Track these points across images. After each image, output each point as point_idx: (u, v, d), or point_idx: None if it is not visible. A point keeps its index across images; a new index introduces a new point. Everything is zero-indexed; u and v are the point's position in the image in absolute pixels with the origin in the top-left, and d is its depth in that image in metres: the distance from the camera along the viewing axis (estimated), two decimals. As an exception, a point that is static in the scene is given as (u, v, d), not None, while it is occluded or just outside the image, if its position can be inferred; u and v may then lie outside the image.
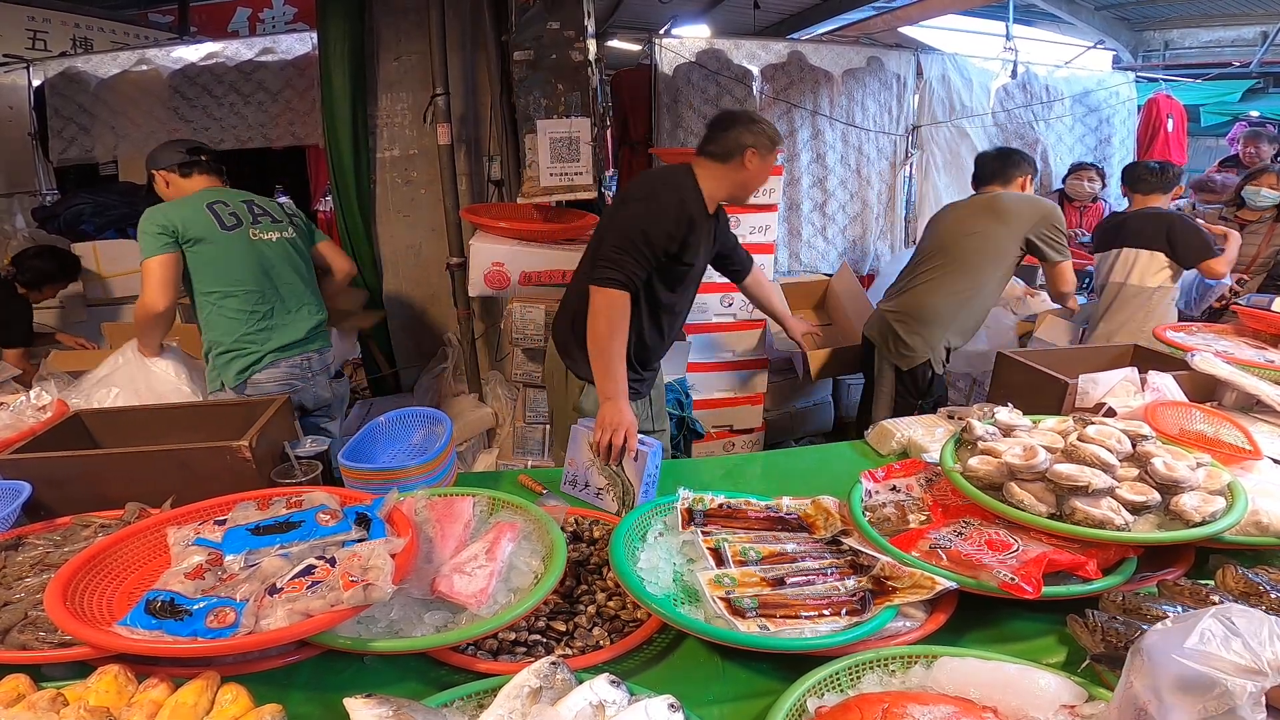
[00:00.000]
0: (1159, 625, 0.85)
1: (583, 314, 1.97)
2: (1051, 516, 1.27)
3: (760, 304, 2.63)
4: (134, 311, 2.36)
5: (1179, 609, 1.08)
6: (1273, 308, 2.24)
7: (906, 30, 7.05)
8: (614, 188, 5.15)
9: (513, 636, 1.14)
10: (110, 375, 2.34)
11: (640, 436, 1.68)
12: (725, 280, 3.39)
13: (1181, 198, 4.61)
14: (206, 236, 2.30)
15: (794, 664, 1.06)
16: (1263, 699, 0.76)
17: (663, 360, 2.37)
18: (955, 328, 2.77)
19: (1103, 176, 4.65)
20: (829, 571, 1.23)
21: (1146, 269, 3.10)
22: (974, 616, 1.19)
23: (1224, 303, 3.38)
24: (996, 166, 2.81)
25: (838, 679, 1.02)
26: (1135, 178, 3.27)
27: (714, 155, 2.07)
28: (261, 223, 2.43)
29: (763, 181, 2.14)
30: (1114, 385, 1.80)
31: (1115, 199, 4.83)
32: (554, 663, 0.97)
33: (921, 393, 2.80)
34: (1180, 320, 3.17)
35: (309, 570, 1.08)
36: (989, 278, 2.73)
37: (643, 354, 2.16)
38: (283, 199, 5.32)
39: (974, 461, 1.40)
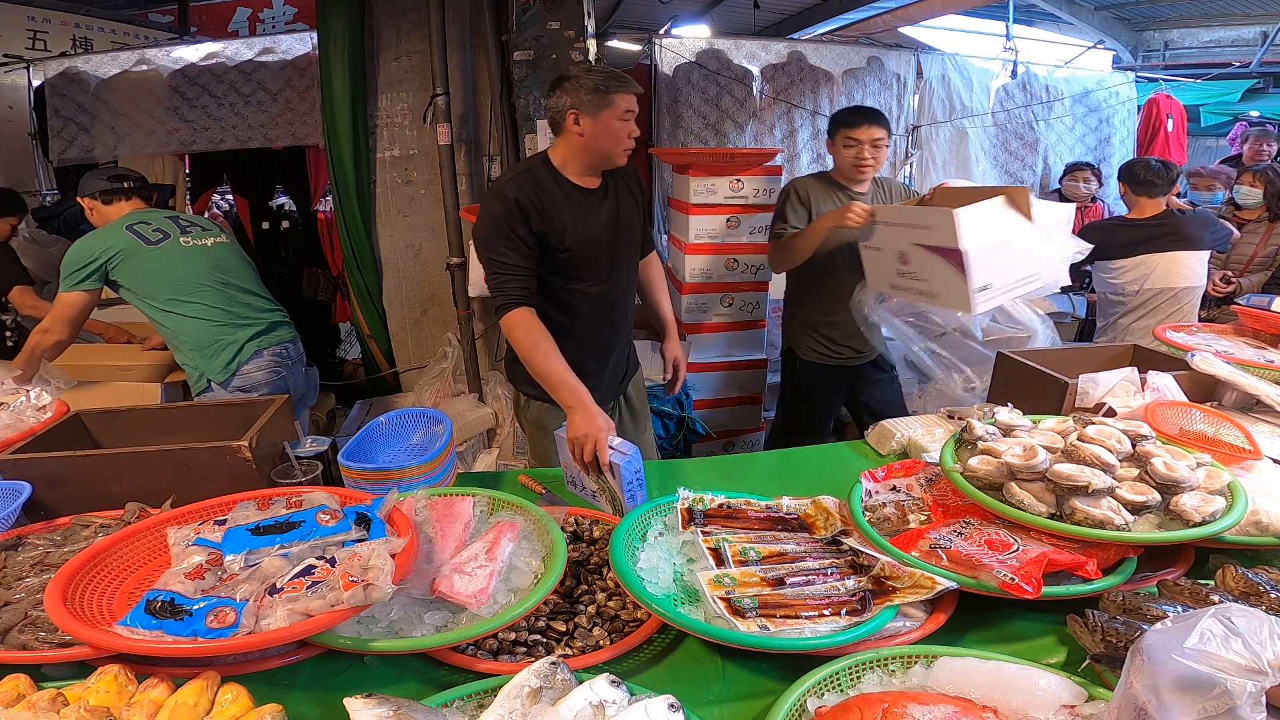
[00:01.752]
0: (1159, 625, 0.85)
1: None
2: (1051, 516, 1.27)
3: (645, 290, 2.28)
4: (33, 335, 2.37)
5: (1179, 609, 1.08)
6: (1272, 308, 2.24)
7: (906, 30, 7.05)
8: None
9: (513, 636, 1.14)
10: None
11: (616, 442, 1.60)
12: (725, 280, 3.42)
13: (1180, 195, 4.62)
14: (132, 254, 2.35)
15: (794, 664, 1.06)
16: (1263, 699, 0.76)
17: (633, 357, 2.23)
18: (805, 313, 2.73)
19: (1099, 176, 4.65)
20: (829, 571, 1.23)
21: (1192, 269, 3.12)
22: (974, 616, 1.19)
23: (1222, 293, 3.38)
24: None
25: (838, 679, 1.02)
26: (1143, 180, 3.22)
27: (552, 128, 1.90)
28: (191, 232, 2.50)
29: (615, 140, 1.86)
30: (1114, 385, 1.80)
31: (1114, 199, 4.83)
32: (554, 663, 0.97)
33: (786, 378, 2.92)
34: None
35: (309, 570, 1.08)
36: (805, 266, 2.61)
37: (581, 351, 1.96)
38: (282, 199, 5.32)
39: (974, 461, 1.40)
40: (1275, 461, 1.51)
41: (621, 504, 1.56)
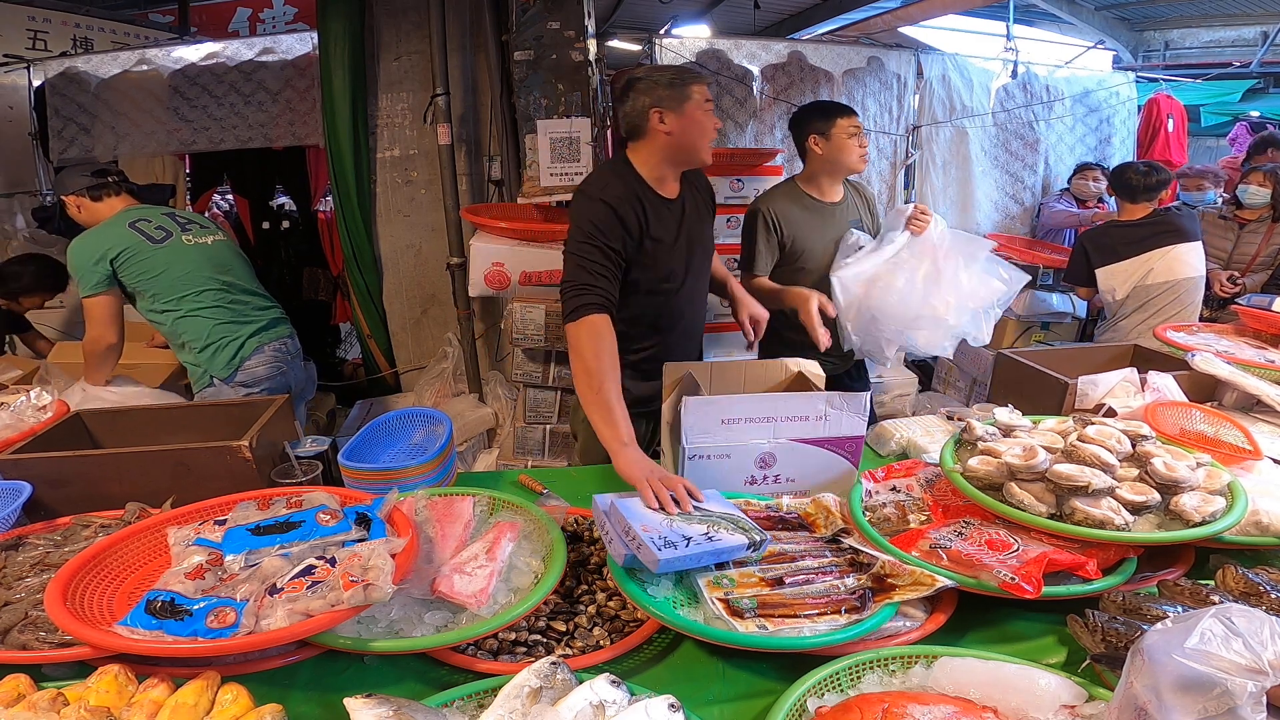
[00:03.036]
0: (1159, 625, 0.85)
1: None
2: (1051, 516, 1.27)
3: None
4: (84, 348, 2.39)
5: (1179, 609, 1.07)
6: (1273, 308, 2.24)
7: (906, 30, 7.05)
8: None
9: (513, 636, 1.14)
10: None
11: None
12: (725, 280, 3.41)
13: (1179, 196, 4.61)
14: (138, 253, 2.34)
15: (794, 664, 1.06)
16: (1263, 698, 0.76)
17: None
18: (785, 332, 2.40)
19: (1108, 176, 4.65)
20: (829, 570, 1.23)
21: (1190, 263, 3.16)
22: (974, 616, 1.19)
23: (1229, 294, 3.38)
24: None
25: (838, 679, 1.02)
26: (1124, 184, 3.25)
27: (630, 134, 1.84)
28: (191, 229, 2.50)
29: (702, 131, 1.79)
30: (1114, 386, 1.80)
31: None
32: (554, 663, 0.97)
33: None
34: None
35: (309, 570, 1.08)
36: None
37: (652, 364, 1.85)
38: (282, 199, 5.32)
39: (974, 462, 1.40)
40: (1275, 461, 1.51)
41: (743, 520, 1.30)
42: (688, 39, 4.63)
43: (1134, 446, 1.38)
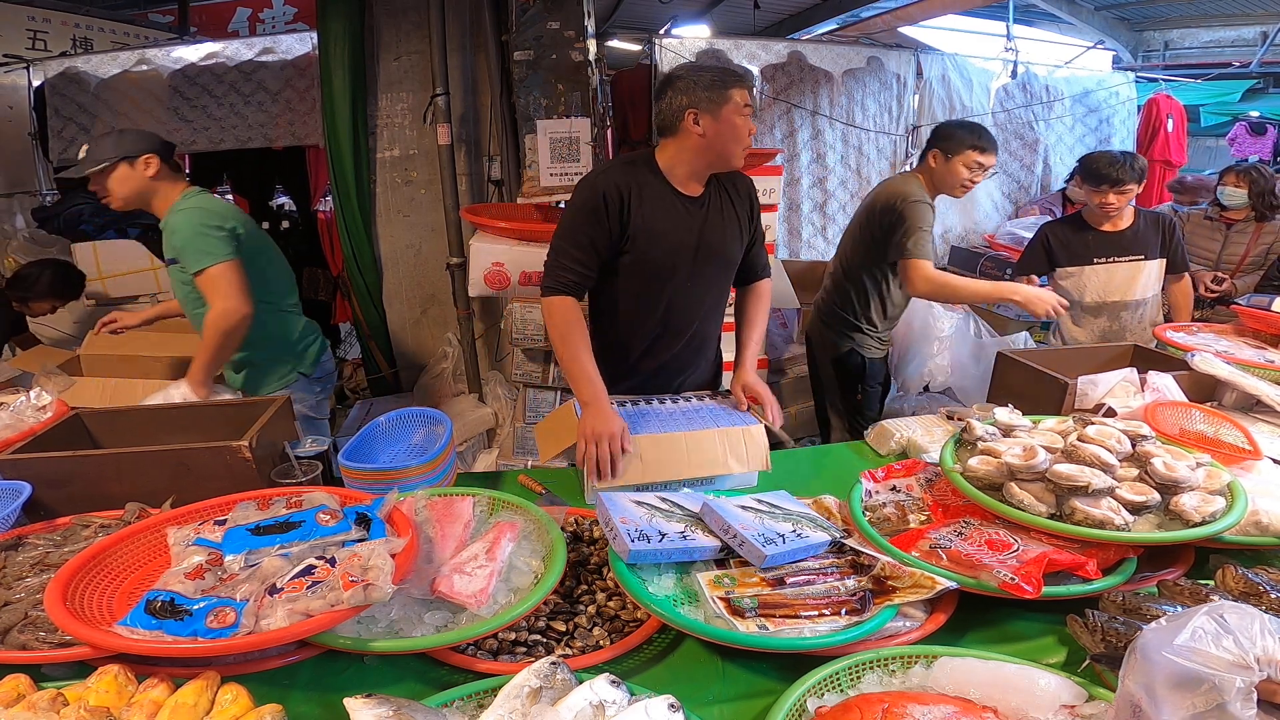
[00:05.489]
0: (1155, 624, 0.85)
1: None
2: (1051, 516, 1.27)
3: (737, 315, 2.11)
4: (212, 325, 2.08)
5: (1179, 609, 1.07)
6: (1273, 308, 2.24)
7: (906, 30, 7.05)
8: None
9: (513, 636, 1.14)
10: None
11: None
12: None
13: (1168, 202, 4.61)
14: (253, 240, 2.26)
15: (794, 664, 1.06)
16: (1253, 694, 0.76)
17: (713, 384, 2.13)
18: (860, 314, 2.73)
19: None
20: (829, 571, 1.23)
21: None
22: (974, 616, 1.19)
23: (1214, 294, 3.37)
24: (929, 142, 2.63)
25: (838, 679, 1.02)
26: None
27: (661, 130, 1.83)
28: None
29: (735, 138, 1.76)
30: (1114, 386, 1.80)
31: None
32: (554, 663, 0.97)
33: (855, 378, 2.82)
34: None
35: (309, 570, 1.08)
36: (857, 264, 2.67)
37: (625, 361, 1.92)
38: (282, 199, 5.32)
39: (974, 461, 1.40)
40: (1275, 461, 1.51)
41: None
42: (688, 39, 4.63)
43: (1134, 446, 1.38)
